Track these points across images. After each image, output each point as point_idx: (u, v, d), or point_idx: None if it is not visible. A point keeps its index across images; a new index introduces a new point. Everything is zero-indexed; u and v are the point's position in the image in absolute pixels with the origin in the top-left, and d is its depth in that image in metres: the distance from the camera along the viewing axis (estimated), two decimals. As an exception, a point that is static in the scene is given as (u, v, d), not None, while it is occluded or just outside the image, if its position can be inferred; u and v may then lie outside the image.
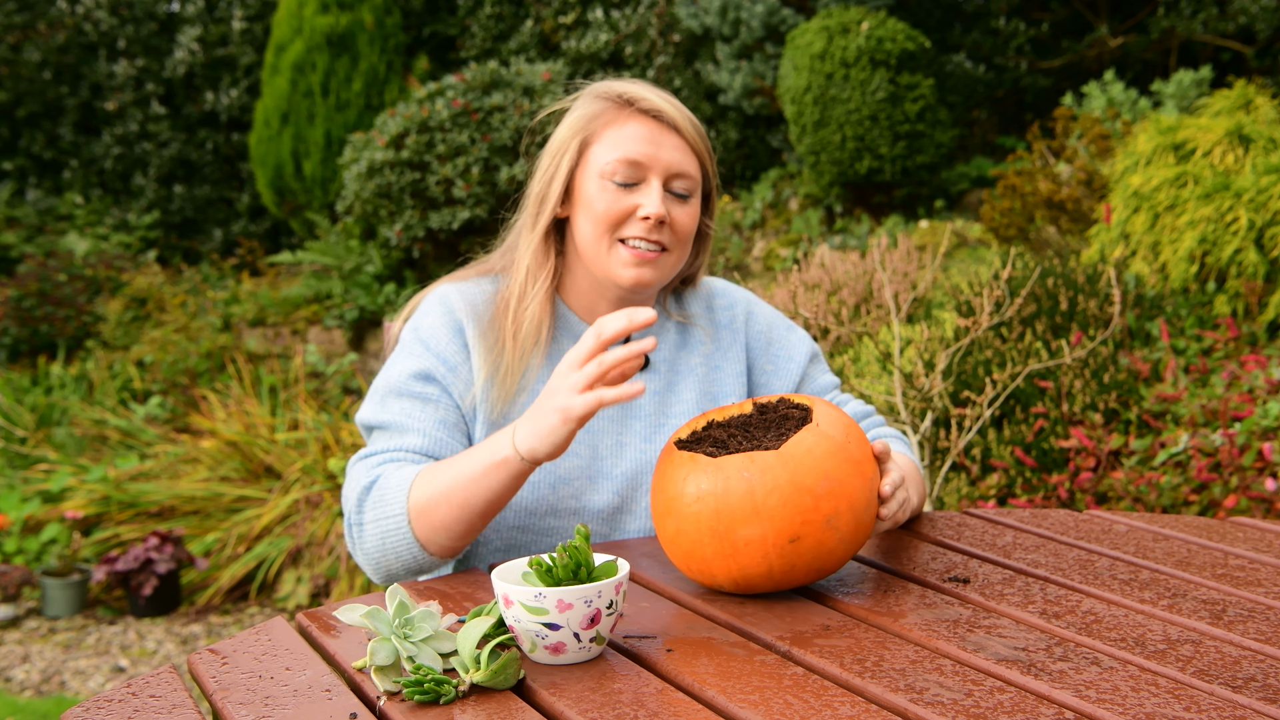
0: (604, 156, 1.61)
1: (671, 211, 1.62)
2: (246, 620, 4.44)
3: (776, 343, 1.81)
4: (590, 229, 1.62)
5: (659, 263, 1.62)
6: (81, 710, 1.15)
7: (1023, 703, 1.08)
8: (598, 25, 8.78)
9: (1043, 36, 8.52)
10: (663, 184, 1.61)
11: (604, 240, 1.62)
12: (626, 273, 1.62)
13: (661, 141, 1.61)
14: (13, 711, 3.70)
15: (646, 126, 1.62)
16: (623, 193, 1.60)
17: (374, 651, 1.19)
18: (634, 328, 1.37)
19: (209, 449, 5.06)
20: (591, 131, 1.64)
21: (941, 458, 3.52)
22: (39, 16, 10.08)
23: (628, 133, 1.61)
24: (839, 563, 1.36)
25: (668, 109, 1.63)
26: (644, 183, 1.61)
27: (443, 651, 1.22)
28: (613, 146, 1.61)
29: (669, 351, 1.75)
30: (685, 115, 1.65)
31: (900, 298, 4.63)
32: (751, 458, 1.32)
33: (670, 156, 1.61)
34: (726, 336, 1.79)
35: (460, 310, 1.66)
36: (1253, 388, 3.33)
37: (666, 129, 1.62)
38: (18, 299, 7.53)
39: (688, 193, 1.63)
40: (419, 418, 1.60)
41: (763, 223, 7.85)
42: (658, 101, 1.63)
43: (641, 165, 1.60)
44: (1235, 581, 1.42)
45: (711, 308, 1.81)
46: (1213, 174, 4.34)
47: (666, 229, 1.61)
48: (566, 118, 1.69)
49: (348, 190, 6.96)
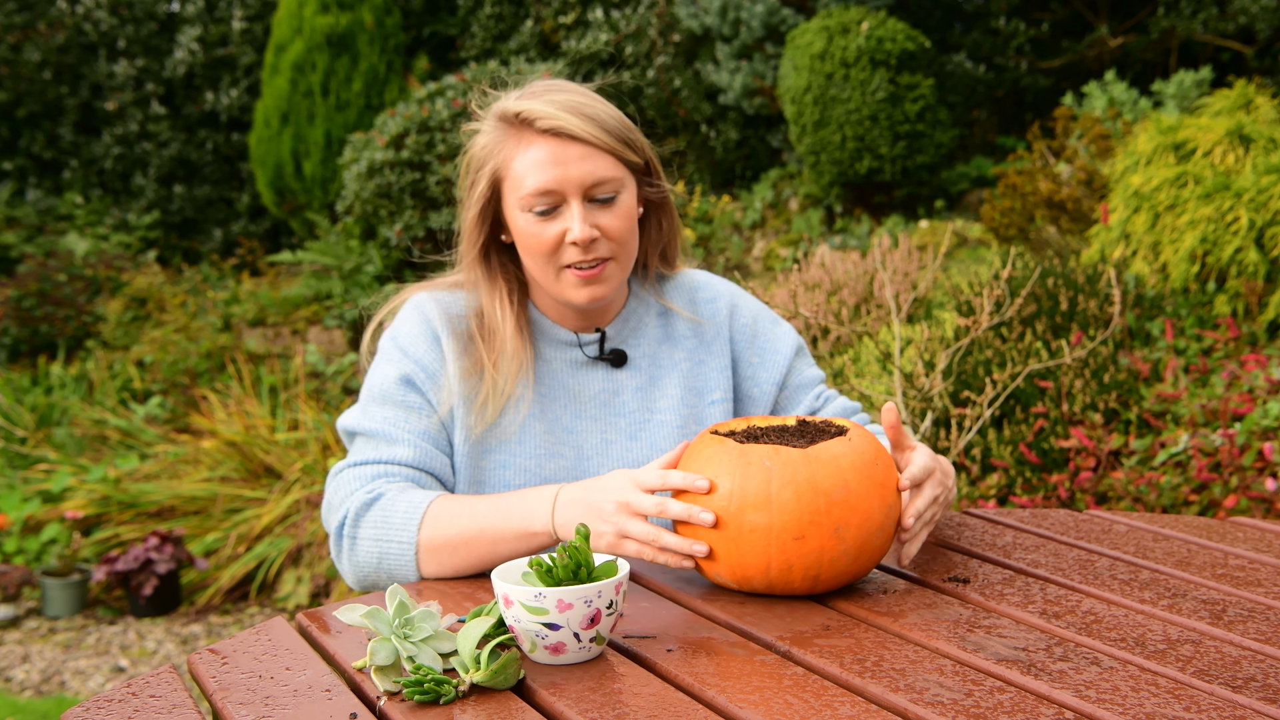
0: (517, 191, 1.57)
1: (599, 221, 1.57)
2: (246, 620, 4.44)
3: (762, 336, 1.78)
4: (531, 261, 1.61)
5: (605, 275, 1.60)
6: (81, 710, 1.15)
7: (1023, 703, 1.08)
8: (598, 25, 8.78)
9: (1043, 36, 8.52)
10: (583, 199, 1.57)
11: (548, 270, 1.60)
12: (579, 295, 1.60)
13: (567, 159, 1.56)
14: (13, 711, 3.70)
15: (549, 146, 1.56)
16: (546, 221, 1.57)
17: (374, 651, 1.19)
18: (694, 491, 1.37)
19: (209, 449, 5.06)
20: (499, 164, 1.60)
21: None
22: (39, 16, 10.08)
23: (531, 159, 1.56)
24: (837, 579, 1.36)
25: (565, 122, 1.56)
26: (564, 205, 1.57)
27: (443, 651, 1.22)
28: (522, 178, 1.57)
29: (651, 346, 1.73)
30: (586, 117, 1.57)
31: (900, 298, 4.63)
32: (776, 449, 1.34)
33: (580, 171, 1.56)
34: (710, 330, 1.76)
35: (436, 319, 1.64)
36: (1253, 388, 3.33)
37: (568, 142, 1.56)
38: (18, 299, 7.53)
39: (613, 194, 1.59)
40: (406, 428, 1.59)
41: (763, 223, 7.85)
42: (555, 117, 1.56)
43: (555, 192, 1.56)
44: (1235, 581, 1.42)
45: (695, 301, 1.77)
46: (1213, 174, 4.34)
47: (601, 241, 1.58)
48: (475, 146, 1.64)
49: (348, 190, 6.96)
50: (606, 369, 1.70)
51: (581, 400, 1.68)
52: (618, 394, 1.69)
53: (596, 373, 1.70)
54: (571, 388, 1.68)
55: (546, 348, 1.69)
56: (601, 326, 1.70)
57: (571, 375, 1.69)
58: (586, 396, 1.69)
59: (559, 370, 1.68)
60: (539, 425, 1.64)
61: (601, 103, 1.63)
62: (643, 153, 1.66)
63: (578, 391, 1.68)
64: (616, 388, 1.70)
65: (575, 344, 1.69)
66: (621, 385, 1.70)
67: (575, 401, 1.68)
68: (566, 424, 1.67)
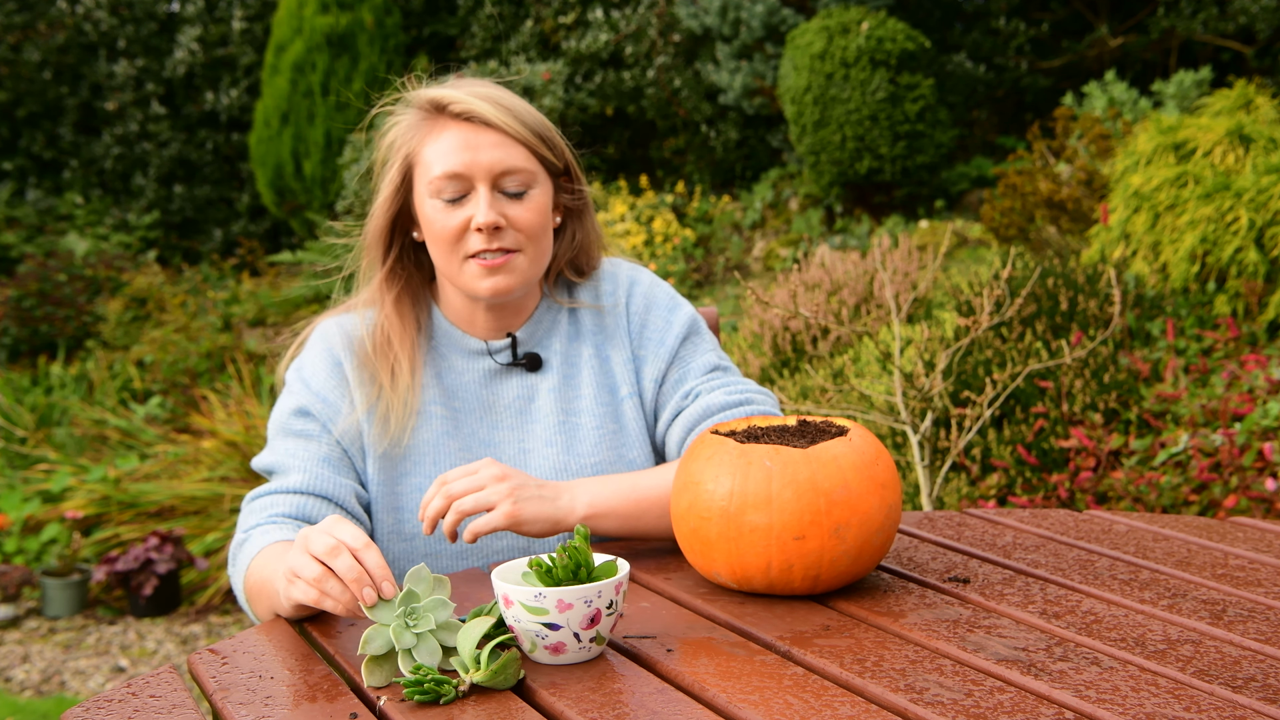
0: (427, 175, 1.55)
1: (508, 212, 1.54)
2: (246, 620, 4.44)
3: (651, 324, 1.68)
4: (437, 251, 1.57)
5: (510, 266, 1.56)
6: (81, 710, 1.15)
7: (1023, 703, 1.08)
8: (598, 25, 8.78)
9: (1043, 36, 8.52)
10: (490, 187, 1.54)
11: (453, 259, 1.56)
12: (482, 285, 1.56)
13: (478, 144, 1.53)
14: (13, 711, 3.70)
15: (461, 132, 1.54)
16: (453, 209, 1.54)
17: (368, 639, 1.17)
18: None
19: (209, 449, 5.06)
20: (411, 149, 1.57)
21: (941, 458, 3.52)
22: (39, 16, 10.08)
23: (443, 145, 1.54)
24: (838, 579, 1.36)
25: (479, 107, 1.53)
26: (472, 192, 1.54)
27: (448, 645, 1.21)
28: (432, 163, 1.54)
29: (562, 344, 1.67)
30: (501, 106, 1.55)
31: (900, 298, 4.63)
32: (777, 449, 1.34)
33: (490, 157, 1.53)
34: (611, 321, 1.69)
35: (338, 345, 1.62)
36: (1253, 388, 3.33)
37: (480, 128, 1.54)
38: (18, 299, 7.53)
39: (524, 187, 1.56)
40: (300, 456, 1.57)
41: (763, 223, 7.85)
42: (469, 102, 1.54)
43: (463, 176, 1.53)
44: (1235, 581, 1.42)
45: (598, 292, 1.70)
46: (1213, 174, 4.34)
47: (508, 232, 1.54)
48: (387, 134, 1.62)
49: (348, 190, 6.96)
50: (521, 374, 1.65)
51: (496, 410, 1.64)
52: (533, 399, 1.65)
53: (511, 380, 1.65)
54: (485, 398, 1.64)
55: (457, 359, 1.65)
56: (512, 331, 1.66)
57: (485, 385, 1.64)
58: (501, 405, 1.64)
59: (471, 382, 1.64)
60: (453, 443, 1.61)
61: (524, 102, 1.60)
62: (562, 156, 1.63)
63: (492, 402, 1.64)
64: (531, 393, 1.65)
65: (485, 352, 1.65)
66: (536, 389, 1.65)
67: (490, 412, 1.64)
68: (483, 436, 1.63)
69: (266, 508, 1.54)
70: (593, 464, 1.63)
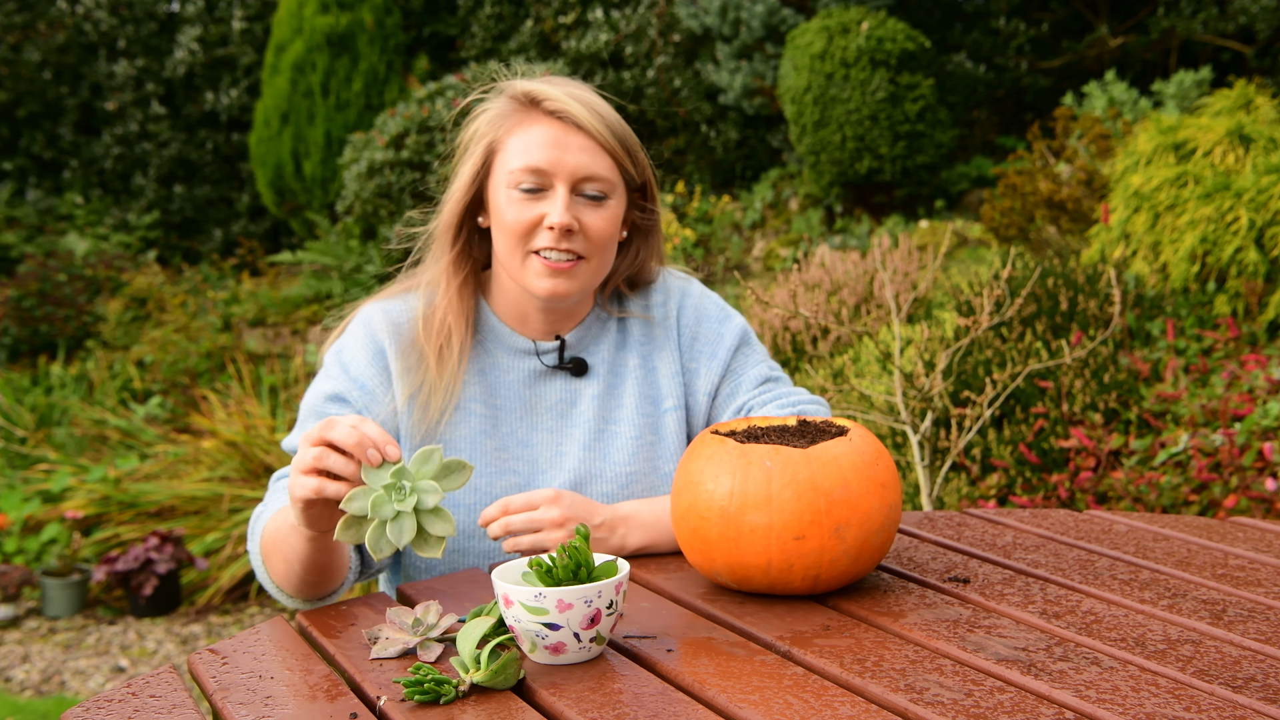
0: (508, 165, 1.54)
1: (582, 217, 1.54)
2: (246, 620, 4.44)
3: (703, 336, 1.69)
4: (503, 241, 1.57)
5: (574, 272, 1.55)
6: (81, 710, 1.15)
7: (1023, 703, 1.08)
8: (598, 25, 8.79)
9: (1043, 36, 8.53)
10: (570, 189, 1.53)
11: (517, 252, 1.55)
12: (540, 284, 1.55)
13: (567, 144, 1.53)
14: (13, 711, 3.70)
15: (551, 129, 1.54)
16: (529, 201, 1.53)
17: (352, 497, 1.19)
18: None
19: (209, 449, 5.06)
20: (497, 137, 1.57)
21: (941, 458, 3.52)
22: (39, 16, 10.08)
23: (531, 137, 1.54)
24: (838, 579, 1.36)
25: (573, 108, 1.54)
26: (550, 190, 1.53)
27: (430, 530, 1.23)
28: (517, 154, 1.54)
29: (609, 352, 1.67)
30: (595, 112, 1.55)
31: (900, 298, 4.63)
32: (777, 449, 1.34)
33: (576, 160, 1.53)
34: (660, 333, 1.69)
35: (381, 332, 1.61)
36: (1253, 388, 3.33)
37: (572, 129, 1.54)
38: (18, 299, 7.53)
39: (602, 195, 1.55)
40: None
41: (763, 223, 7.85)
42: (564, 101, 1.54)
43: (545, 172, 1.52)
44: (1235, 581, 1.42)
45: (648, 303, 1.70)
46: (1213, 174, 4.34)
47: (579, 236, 1.54)
48: (477, 119, 1.61)
49: (348, 190, 6.97)
50: (565, 378, 1.65)
51: (538, 411, 1.64)
52: (575, 404, 1.64)
53: (554, 382, 1.65)
54: (527, 399, 1.64)
55: (503, 356, 1.64)
56: (562, 334, 1.65)
57: (528, 385, 1.64)
58: (543, 407, 1.64)
59: (514, 380, 1.64)
60: (490, 442, 1.61)
61: (615, 113, 1.60)
62: (643, 172, 1.63)
63: (534, 403, 1.64)
64: (574, 397, 1.65)
65: (533, 352, 1.64)
66: (579, 394, 1.65)
67: (531, 413, 1.64)
68: (521, 436, 1.63)
69: (285, 490, 1.55)
70: (626, 473, 1.63)
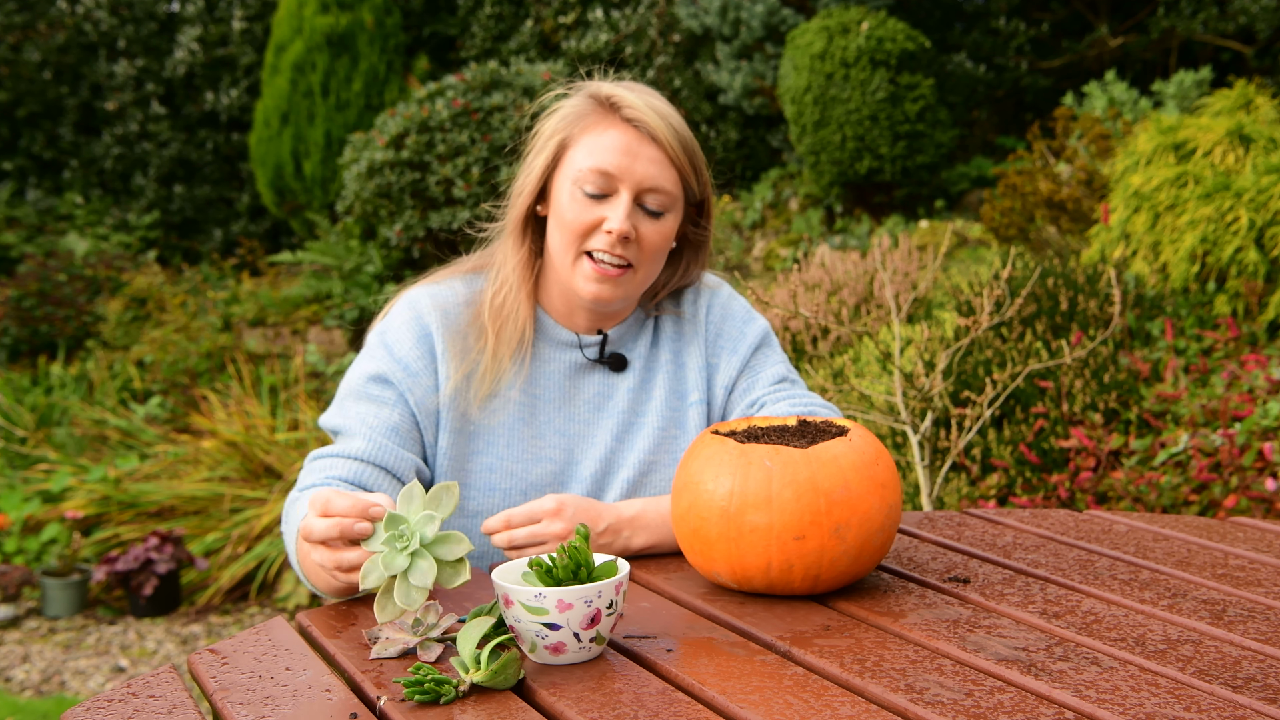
0: (578, 163, 1.56)
1: (640, 228, 1.56)
2: (246, 620, 4.44)
3: (727, 333, 1.73)
4: (558, 236, 1.59)
5: (622, 280, 1.58)
6: (81, 710, 1.15)
7: (1023, 703, 1.08)
8: (598, 25, 8.78)
9: (1043, 36, 8.53)
10: (634, 198, 1.55)
11: (570, 250, 1.58)
12: (587, 287, 1.58)
13: (638, 153, 1.55)
14: (13, 711, 3.70)
15: (625, 135, 1.56)
16: (591, 203, 1.55)
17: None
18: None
19: (209, 449, 5.06)
20: (571, 134, 1.59)
21: (941, 458, 3.52)
22: (39, 16, 10.08)
23: (605, 141, 1.56)
24: (838, 579, 1.36)
25: (649, 118, 1.56)
26: (614, 195, 1.55)
27: (443, 558, 1.22)
28: (588, 154, 1.56)
29: (645, 349, 1.72)
30: (669, 125, 1.58)
31: (900, 298, 4.63)
32: (777, 449, 1.35)
33: (645, 170, 1.55)
34: (690, 329, 1.73)
35: (429, 315, 1.62)
36: (1253, 388, 3.33)
37: (645, 139, 1.56)
38: (18, 299, 7.53)
39: (661, 209, 1.58)
40: (369, 422, 1.57)
41: (763, 223, 7.85)
42: (641, 109, 1.56)
43: (613, 177, 1.55)
44: (1235, 581, 1.42)
45: (680, 300, 1.75)
46: (1213, 174, 4.34)
47: (633, 245, 1.56)
48: (556, 113, 1.63)
49: (348, 190, 6.96)
50: (604, 372, 1.69)
51: (575, 403, 1.67)
52: (610, 397, 1.68)
53: (593, 376, 1.68)
54: (566, 390, 1.67)
55: (546, 348, 1.67)
56: (605, 330, 1.69)
57: (568, 377, 1.67)
58: (580, 400, 1.67)
59: (555, 372, 1.67)
60: (526, 430, 1.63)
61: (688, 128, 1.63)
62: (704, 190, 1.65)
63: (573, 394, 1.67)
64: (610, 391, 1.68)
65: (576, 345, 1.67)
66: (615, 388, 1.69)
67: (568, 404, 1.67)
68: (558, 426, 1.65)
69: (325, 469, 1.55)
70: (647, 461, 1.66)
